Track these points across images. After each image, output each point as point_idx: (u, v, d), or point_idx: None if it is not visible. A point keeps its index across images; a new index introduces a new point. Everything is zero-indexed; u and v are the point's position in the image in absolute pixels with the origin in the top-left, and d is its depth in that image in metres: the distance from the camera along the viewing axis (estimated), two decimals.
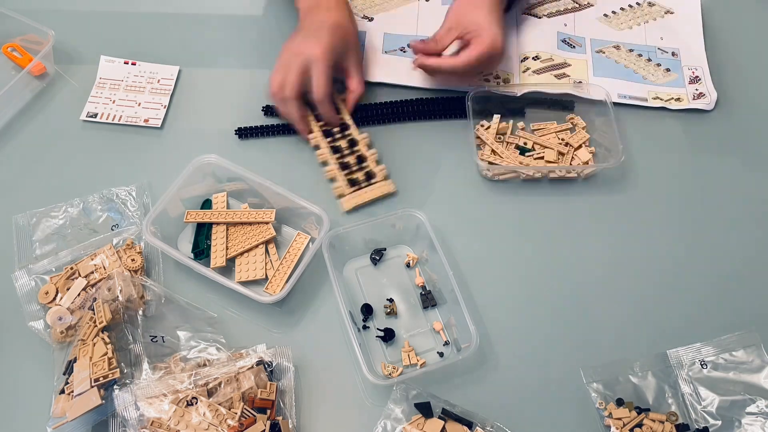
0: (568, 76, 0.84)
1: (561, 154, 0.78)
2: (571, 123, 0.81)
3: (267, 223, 0.71)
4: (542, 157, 0.78)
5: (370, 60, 0.85)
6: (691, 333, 0.67)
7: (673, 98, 0.83)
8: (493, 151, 0.78)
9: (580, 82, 0.84)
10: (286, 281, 0.68)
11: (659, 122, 0.83)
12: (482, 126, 0.80)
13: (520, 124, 0.81)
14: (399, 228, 0.72)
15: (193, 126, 0.81)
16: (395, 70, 0.84)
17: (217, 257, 0.70)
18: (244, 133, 0.80)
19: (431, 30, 0.81)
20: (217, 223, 0.72)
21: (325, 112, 0.76)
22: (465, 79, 0.83)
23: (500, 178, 0.77)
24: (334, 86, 0.77)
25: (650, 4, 0.92)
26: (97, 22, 0.90)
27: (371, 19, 0.90)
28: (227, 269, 0.70)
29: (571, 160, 0.78)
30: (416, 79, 0.84)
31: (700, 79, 0.85)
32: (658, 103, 0.83)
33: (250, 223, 0.72)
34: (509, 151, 0.78)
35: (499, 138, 0.80)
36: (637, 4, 0.92)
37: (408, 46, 0.82)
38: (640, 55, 0.87)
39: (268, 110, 0.82)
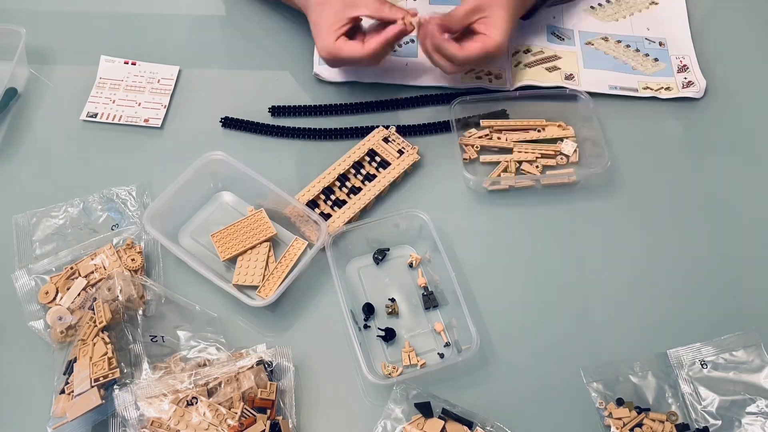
0: (559, 68, 0.84)
1: (551, 156, 0.79)
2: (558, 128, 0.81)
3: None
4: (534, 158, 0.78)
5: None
6: (691, 333, 0.67)
7: (663, 87, 0.83)
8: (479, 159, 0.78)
9: (572, 75, 0.84)
10: (279, 286, 0.67)
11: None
12: (468, 135, 0.80)
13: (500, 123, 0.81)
14: (402, 228, 0.72)
15: (193, 126, 0.81)
16: (383, 70, 0.84)
17: (225, 252, 0.70)
18: (229, 123, 0.80)
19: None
20: None
21: (397, 13, 0.75)
22: (454, 74, 0.82)
23: (491, 189, 0.77)
24: None
25: None
26: (97, 22, 0.90)
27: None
28: (227, 269, 0.71)
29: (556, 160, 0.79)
30: (404, 77, 0.84)
31: (688, 68, 0.85)
32: (648, 93, 0.83)
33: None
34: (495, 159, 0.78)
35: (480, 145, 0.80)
36: None
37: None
38: (628, 46, 0.87)
39: (275, 111, 0.82)
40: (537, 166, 0.78)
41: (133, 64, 0.85)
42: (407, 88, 0.84)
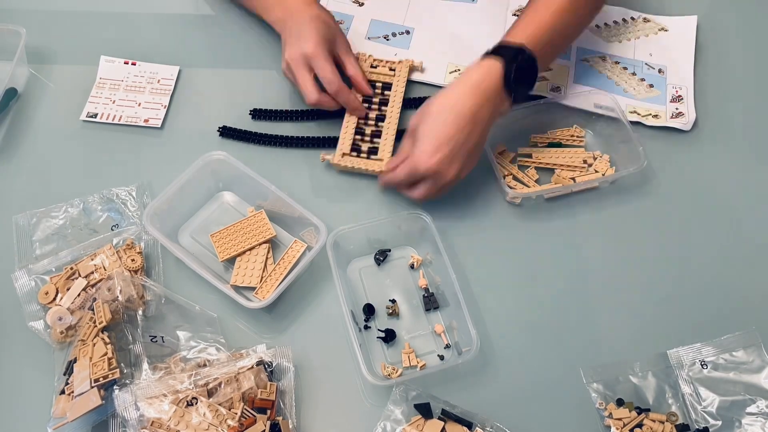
0: (547, 80, 0.84)
1: (583, 167, 0.78)
2: (577, 136, 0.80)
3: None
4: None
5: (353, 45, 0.83)
6: (691, 333, 0.68)
7: (651, 114, 0.82)
8: (514, 176, 0.77)
9: (559, 87, 0.83)
10: (276, 288, 0.67)
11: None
12: (500, 154, 0.79)
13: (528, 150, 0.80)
14: (404, 229, 0.71)
15: (193, 126, 0.81)
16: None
17: (223, 252, 0.71)
18: (227, 132, 0.80)
19: (417, 21, 0.80)
20: None
21: (348, 102, 0.77)
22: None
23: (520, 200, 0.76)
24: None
25: (645, 20, 0.91)
26: (97, 22, 0.90)
27: (362, 4, 0.90)
28: (225, 269, 0.71)
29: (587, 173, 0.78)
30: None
31: (682, 99, 0.83)
32: (634, 117, 0.82)
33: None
34: (530, 174, 0.78)
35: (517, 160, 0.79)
36: (632, 18, 0.91)
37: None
38: (625, 68, 0.86)
39: (256, 114, 0.81)
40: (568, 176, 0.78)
41: (133, 64, 0.85)
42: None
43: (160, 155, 0.79)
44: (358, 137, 0.78)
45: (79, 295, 0.67)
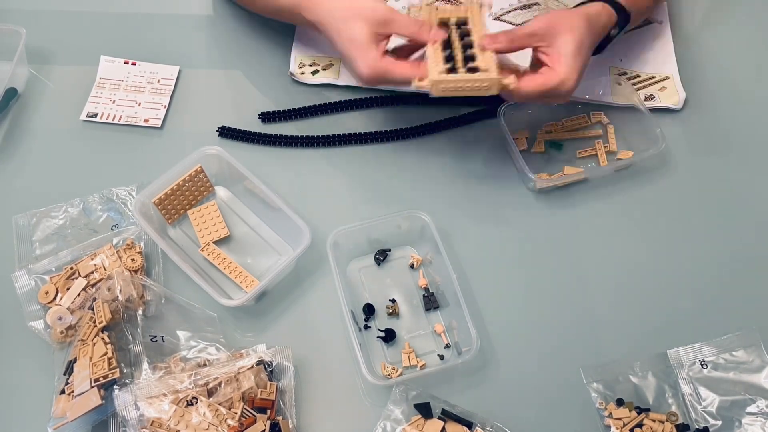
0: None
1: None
2: (598, 122, 0.81)
3: None
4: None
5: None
6: (691, 333, 0.68)
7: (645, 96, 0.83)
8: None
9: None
10: (256, 286, 0.66)
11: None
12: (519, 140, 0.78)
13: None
14: (404, 229, 0.71)
15: (193, 126, 0.81)
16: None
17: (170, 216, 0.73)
18: (226, 132, 0.80)
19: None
20: None
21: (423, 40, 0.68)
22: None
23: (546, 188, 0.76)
24: None
25: None
26: (97, 22, 0.90)
27: None
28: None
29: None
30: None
31: (669, 79, 0.85)
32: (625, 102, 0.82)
33: None
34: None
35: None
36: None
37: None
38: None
39: (266, 117, 0.82)
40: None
41: (133, 64, 0.85)
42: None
43: (160, 155, 0.78)
44: (449, 64, 0.66)
45: (79, 294, 0.67)
